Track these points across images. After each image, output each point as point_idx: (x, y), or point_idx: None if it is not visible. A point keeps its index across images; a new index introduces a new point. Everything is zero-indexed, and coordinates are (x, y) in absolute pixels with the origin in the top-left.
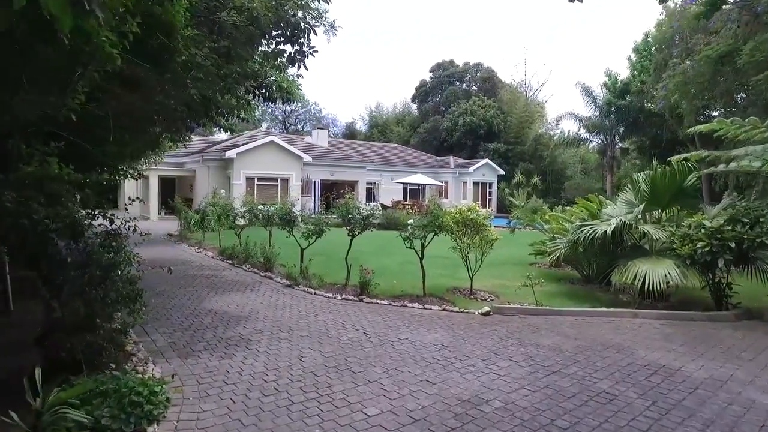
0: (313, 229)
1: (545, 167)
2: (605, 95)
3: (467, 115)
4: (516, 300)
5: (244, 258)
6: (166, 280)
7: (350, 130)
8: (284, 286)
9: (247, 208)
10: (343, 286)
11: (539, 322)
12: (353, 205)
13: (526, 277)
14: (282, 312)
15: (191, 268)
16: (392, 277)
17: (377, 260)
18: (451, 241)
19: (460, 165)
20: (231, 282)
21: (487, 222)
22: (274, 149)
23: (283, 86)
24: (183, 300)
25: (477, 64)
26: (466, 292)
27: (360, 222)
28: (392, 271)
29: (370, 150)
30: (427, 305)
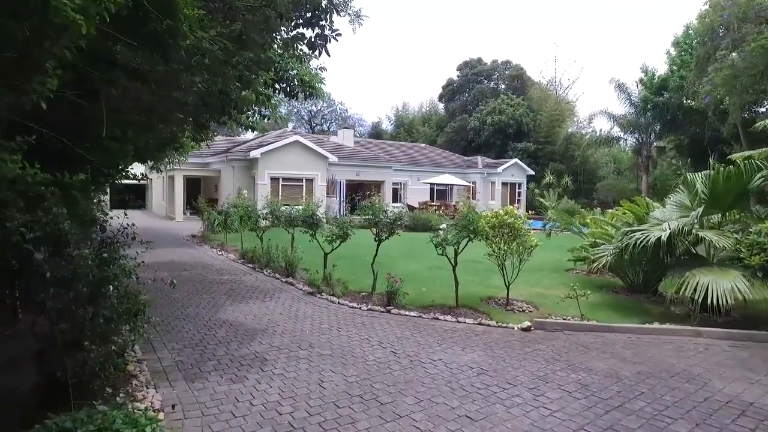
0: (338, 233)
1: (577, 167)
2: (641, 92)
3: (495, 114)
4: (557, 312)
5: (265, 262)
6: (182, 286)
7: (376, 130)
8: (306, 293)
9: (269, 210)
10: (369, 294)
11: (588, 341)
12: (380, 207)
13: (569, 287)
14: (302, 324)
15: (210, 272)
16: (421, 284)
17: (405, 265)
18: (486, 247)
19: (489, 165)
20: (250, 288)
21: (526, 226)
22: (298, 149)
23: (305, 80)
24: (198, 309)
25: (505, 61)
26: (501, 302)
27: (388, 225)
28: (421, 277)
29: (396, 150)
30: (461, 318)
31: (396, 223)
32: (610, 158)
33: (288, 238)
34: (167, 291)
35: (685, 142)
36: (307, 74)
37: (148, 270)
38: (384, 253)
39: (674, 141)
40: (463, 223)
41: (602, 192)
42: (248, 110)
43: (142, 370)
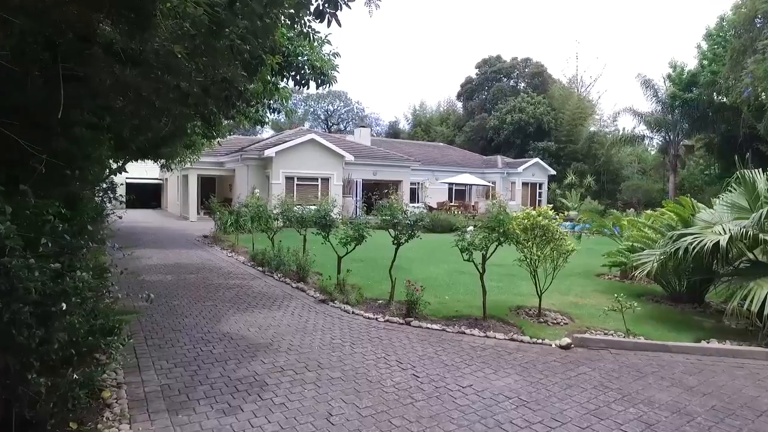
0: (352, 235)
1: (600, 167)
2: (668, 88)
3: (515, 113)
4: (596, 326)
5: (275, 265)
6: (185, 291)
7: (393, 130)
8: (317, 301)
9: (281, 210)
10: (387, 302)
11: (640, 363)
12: (399, 208)
13: (604, 294)
14: (311, 339)
15: (217, 275)
16: (442, 291)
17: (423, 269)
18: (516, 251)
19: (509, 165)
20: (257, 295)
21: (562, 229)
22: (314, 147)
23: (316, 65)
24: (197, 318)
25: (525, 59)
26: (533, 312)
27: (407, 227)
28: (442, 283)
29: (414, 149)
30: (490, 332)
31: (417, 225)
32: (635, 158)
33: (301, 239)
34: (169, 295)
35: (715, 141)
36: (319, 59)
37: (152, 273)
38: (401, 256)
39: (703, 139)
40: (492, 225)
41: (626, 192)
42: (257, 103)
43: (119, 397)
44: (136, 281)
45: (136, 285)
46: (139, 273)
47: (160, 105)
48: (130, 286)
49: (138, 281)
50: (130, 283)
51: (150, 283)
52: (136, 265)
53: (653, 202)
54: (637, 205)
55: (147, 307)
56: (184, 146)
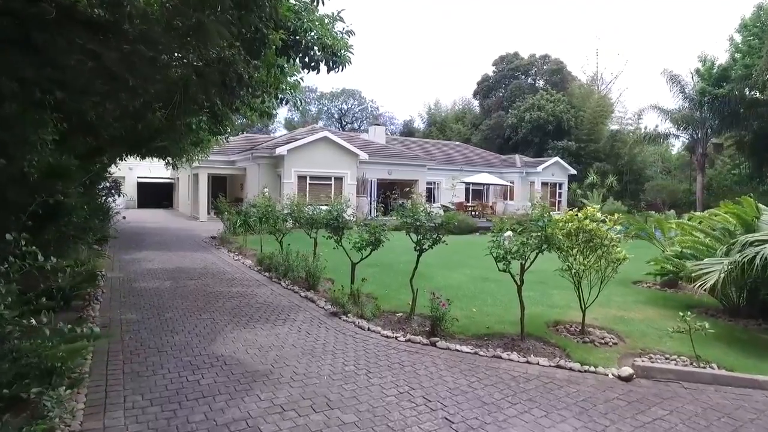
0: (368, 239)
1: (623, 167)
2: (697, 83)
3: (534, 111)
4: (652, 347)
5: (283, 271)
6: (181, 301)
7: (408, 129)
8: (328, 313)
9: (289, 211)
10: (407, 316)
11: (728, 404)
12: (422, 209)
13: (649, 306)
14: (319, 365)
15: (220, 282)
16: (468, 302)
17: (444, 275)
18: (548, 257)
19: (527, 164)
20: (262, 305)
21: (613, 234)
22: (327, 146)
23: (327, 44)
24: (189, 336)
25: (544, 56)
26: (574, 329)
27: (432, 231)
28: (467, 292)
29: (430, 148)
30: (531, 356)
31: (443, 228)
32: (657, 157)
33: (311, 241)
34: (160, 308)
35: (746, 138)
36: (330, 37)
37: (150, 278)
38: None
39: (734, 137)
40: (532, 229)
41: (650, 193)
42: (263, 92)
43: None
44: (129, 289)
45: (127, 293)
46: (135, 278)
47: (134, 83)
48: (121, 295)
49: (131, 289)
50: (123, 290)
51: (145, 291)
52: (134, 269)
53: (679, 203)
54: (661, 205)
55: (136, 320)
56: (191, 143)
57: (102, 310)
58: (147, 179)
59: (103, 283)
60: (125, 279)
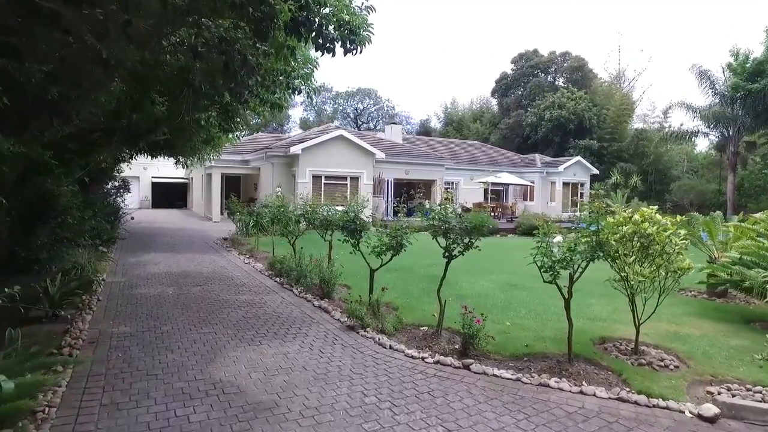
0: (388, 243)
1: (647, 166)
2: (728, 78)
3: (555, 109)
4: (723, 372)
5: (295, 277)
6: (182, 311)
7: (424, 128)
8: (344, 327)
9: (302, 211)
10: (434, 330)
11: None
12: (452, 209)
13: (703, 317)
14: (334, 394)
15: (227, 288)
16: (500, 313)
17: (470, 281)
18: (610, 267)
19: (548, 164)
20: (270, 317)
21: (678, 239)
22: (343, 144)
23: (343, 20)
24: (186, 354)
25: (564, 53)
26: (625, 347)
27: (463, 233)
28: (497, 301)
29: (447, 147)
30: (583, 383)
31: (476, 232)
32: (684, 156)
33: (326, 244)
34: (158, 319)
35: None
36: (348, 12)
37: (152, 284)
38: (440, 264)
39: None
40: (586, 234)
41: (677, 193)
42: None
43: None
44: (128, 296)
45: (126, 301)
46: (137, 284)
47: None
48: (119, 303)
49: (130, 296)
50: (121, 298)
51: (145, 298)
52: (138, 273)
53: (707, 204)
54: (689, 207)
55: (129, 334)
56: (202, 141)
57: (94, 321)
58: (161, 179)
59: (101, 288)
60: (126, 284)
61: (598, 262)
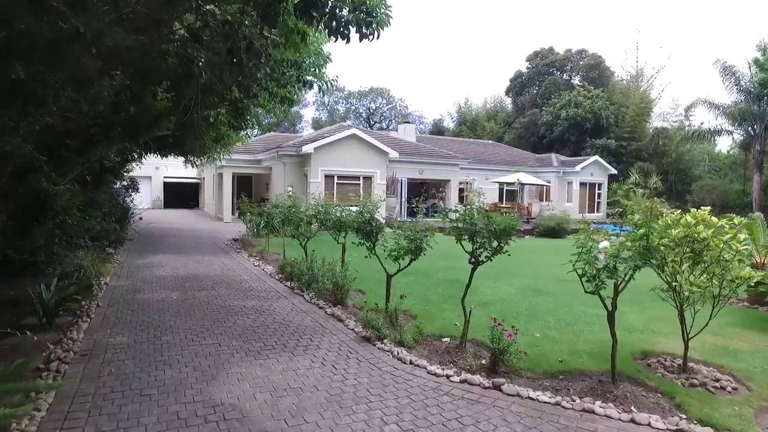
0: (407, 247)
1: (668, 165)
2: (755, 74)
3: (571, 108)
4: None
5: (307, 281)
6: (186, 319)
7: (437, 128)
8: (359, 338)
9: (314, 212)
10: (457, 343)
11: None
12: (479, 212)
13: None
14: (350, 421)
15: (235, 293)
16: (527, 322)
17: (491, 286)
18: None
19: (564, 163)
20: (280, 326)
21: (739, 244)
22: (356, 144)
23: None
24: (185, 370)
25: (581, 50)
26: (671, 364)
27: (492, 237)
28: (521, 309)
29: (461, 146)
30: (632, 408)
31: (506, 235)
32: (705, 155)
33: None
34: (159, 328)
35: None
36: None
37: (157, 288)
38: (457, 267)
39: None
40: (632, 238)
41: (699, 194)
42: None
43: None
44: (131, 301)
45: (126, 307)
46: (141, 288)
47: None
48: (119, 309)
49: (133, 302)
50: (122, 303)
51: (147, 304)
52: (143, 277)
53: (731, 205)
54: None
55: (125, 345)
56: (212, 140)
57: (90, 329)
58: (173, 179)
59: (103, 293)
60: (129, 288)
61: None
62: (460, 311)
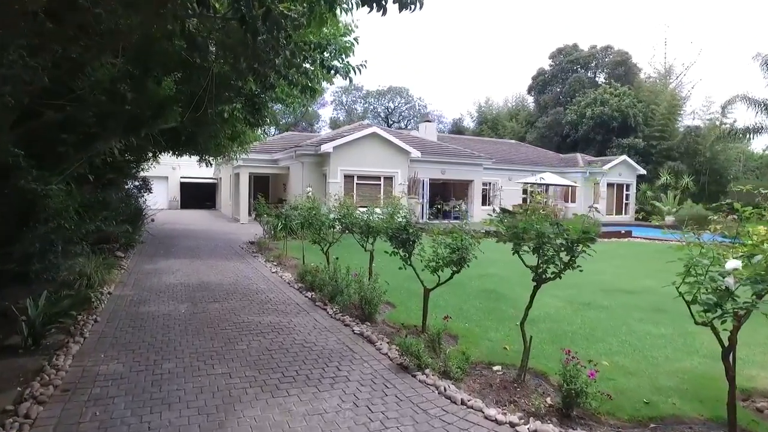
0: (451, 258)
1: (700, 165)
2: None
3: (597, 106)
4: None
5: (330, 293)
6: (193, 339)
7: (457, 127)
8: (395, 367)
9: (338, 215)
10: (515, 376)
11: None
12: (550, 217)
13: None
14: None
15: (250, 306)
16: (586, 346)
17: (513, 292)
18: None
19: (590, 163)
20: (300, 350)
21: None
22: (376, 142)
23: None
24: (187, 412)
25: (606, 47)
26: None
27: (562, 252)
28: (574, 326)
29: (483, 146)
30: None
31: (579, 246)
32: (741, 155)
33: (360, 248)
34: (160, 352)
35: None
36: None
37: (164, 299)
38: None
39: None
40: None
41: (734, 195)
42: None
43: None
44: (133, 315)
45: (127, 324)
46: (146, 299)
47: None
48: (118, 326)
49: (135, 316)
50: (123, 318)
51: (151, 319)
52: (150, 285)
53: None
54: None
55: (119, 376)
56: (228, 137)
57: (81, 353)
58: (190, 179)
59: (104, 305)
60: (134, 299)
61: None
62: (505, 329)
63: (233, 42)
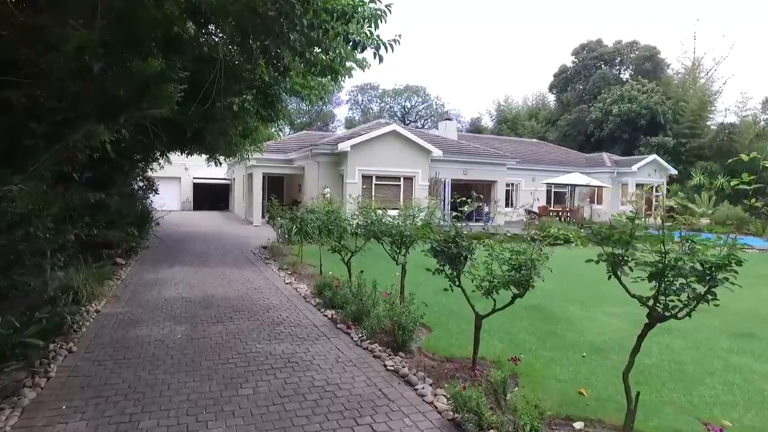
0: (507, 277)
1: (736, 165)
2: None
3: (624, 103)
4: None
5: (353, 313)
6: (187, 376)
7: (475, 126)
8: (445, 426)
9: (363, 221)
10: None
11: None
12: (683, 234)
13: None
14: None
15: (259, 328)
16: (686, 391)
17: (584, 315)
18: None
19: (618, 163)
20: (321, 394)
21: None
22: (396, 141)
23: None
24: None
25: (632, 42)
26: None
27: (695, 280)
28: (657, 360)
29: (505, 145)
30: None
31: (722, 274)
32: None
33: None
34: (146, 392)
35: None
36: None
37: (159, 318)
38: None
39: None
40: None
41: None
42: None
43: None
44: (119, 341)
45: (109, 354)
46: (139, 318)
47: None
48: (97, 359)
49: (121, 342)
50: (106, 347)
51: (139, 347)
52: (147, 300)
53: None
54: None
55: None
56: (239, 134)
57: (35, 405)
58: (203, 180)
59: (86, 329)
60: (124, 319)
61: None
62: (571, 363)
63: (239, 7)
